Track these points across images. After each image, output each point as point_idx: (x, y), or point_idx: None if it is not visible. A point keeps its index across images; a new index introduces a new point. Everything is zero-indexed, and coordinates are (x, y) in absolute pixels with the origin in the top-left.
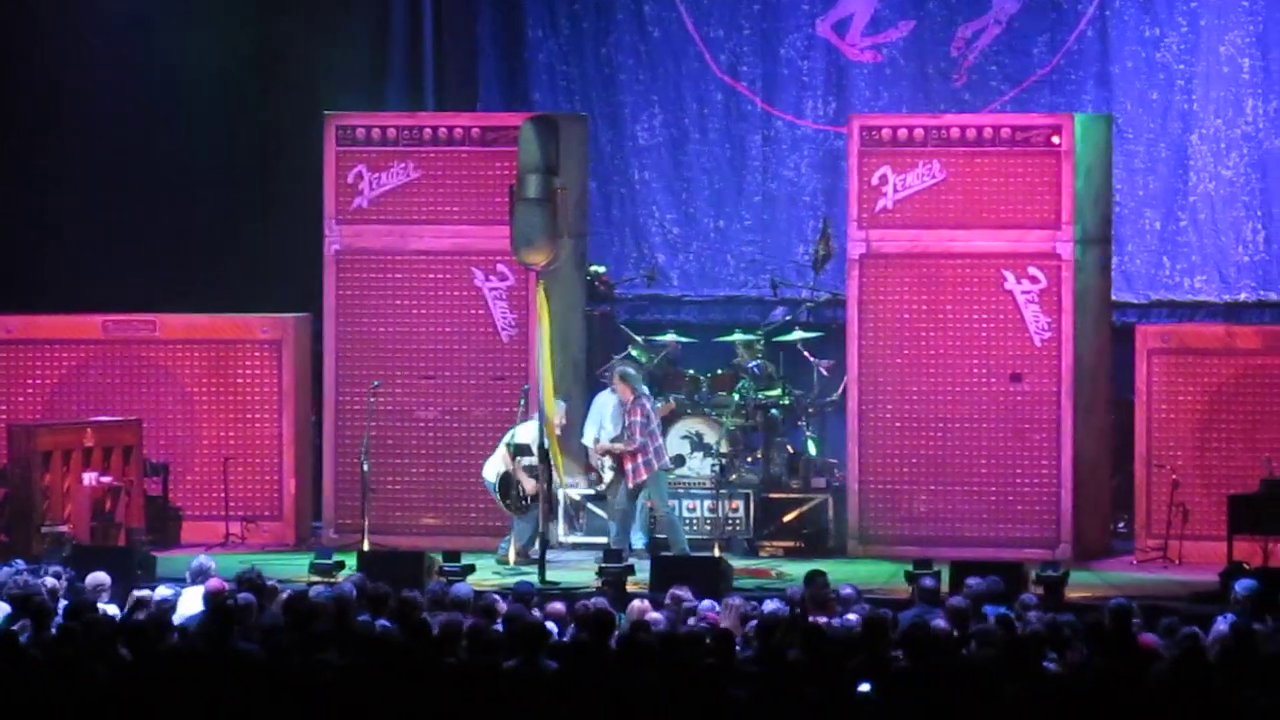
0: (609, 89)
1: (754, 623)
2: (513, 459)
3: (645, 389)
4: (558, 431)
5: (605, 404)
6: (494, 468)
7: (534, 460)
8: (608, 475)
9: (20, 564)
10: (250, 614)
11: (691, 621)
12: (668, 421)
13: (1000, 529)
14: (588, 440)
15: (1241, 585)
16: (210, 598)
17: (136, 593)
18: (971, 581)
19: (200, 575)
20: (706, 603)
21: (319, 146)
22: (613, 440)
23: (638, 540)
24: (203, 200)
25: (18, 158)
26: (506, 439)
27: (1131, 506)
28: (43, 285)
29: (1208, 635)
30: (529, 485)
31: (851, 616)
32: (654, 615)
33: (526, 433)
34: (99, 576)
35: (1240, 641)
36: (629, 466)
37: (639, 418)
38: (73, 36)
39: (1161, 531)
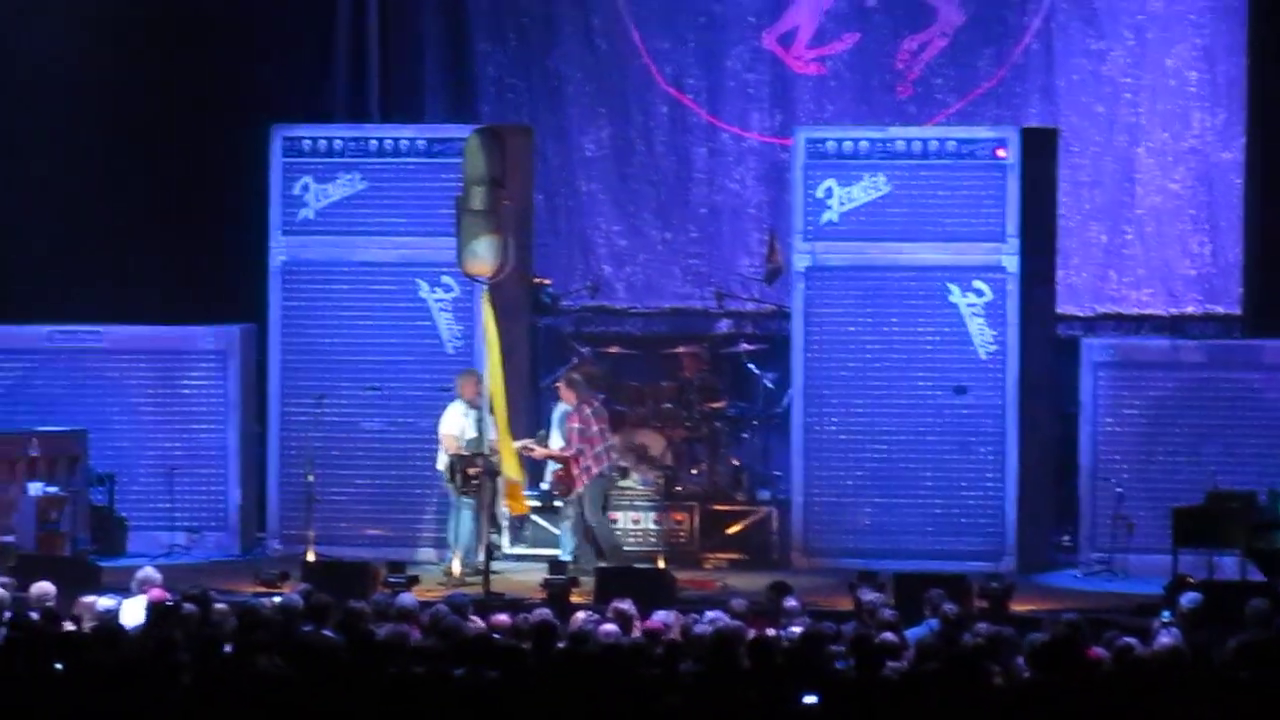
0: (555, 101)
1: (699, 633)
2: (465, 459)
3: (592, 395)
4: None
5: (557, 413)
6: (441, 460)
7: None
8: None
9: None
10: (192, 624)
11: (637, 633)
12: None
13: (944, 542)
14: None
15: (1186, 598)
16: (152, 607)
17: (83, 599)
18: None
19: (145, 585)
20: (659, 614)
21: (265, 158)
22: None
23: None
24: (148, 211)
25: None
26: (447, 429)
27: (1076, 519)
28: None
29: (1149, 646)
30: (471, 469)
31: (795, 629)
32: (608, 627)
33: (453, 420)
34: (44, 586)
35: (1185, 655)
36: (574, 470)
37: (576, 424)
38: (9, 45)
39: (1106, 544)
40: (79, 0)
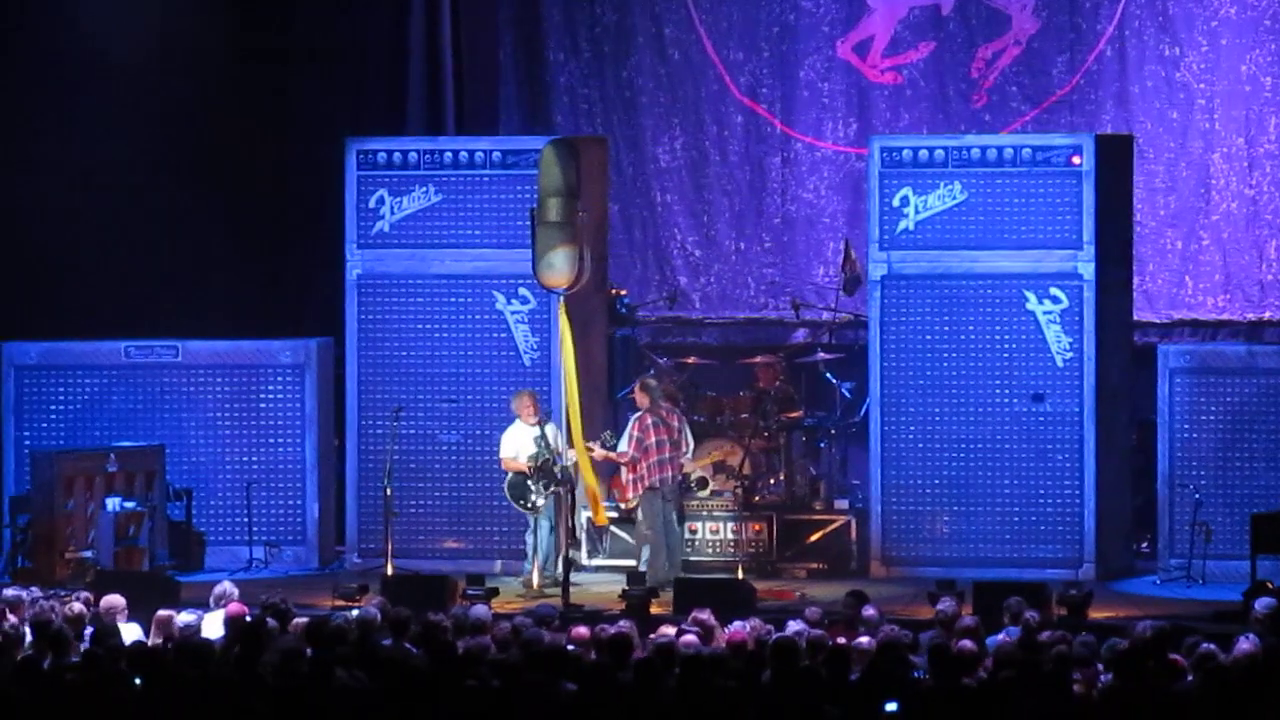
0: (629, 111)
1: (776, 642)
2: (534, 472)
3: (663, 405)
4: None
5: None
6: (509, 480)
7: (546, 468)
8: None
9: (35, 590)
10: (272, 638)
11: (719, 643)
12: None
13: (1023, 550)
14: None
15: (1261, 603)
16: (231, 622)
17: (161, 613)
18: None
19: (222, 600)
20: (735, 624)
21: (340, 171)
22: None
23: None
24: (224, 225)
25: (42, 185)
26: (504, 452)
27: (1154, 526)
28: (66, 311)
29: (1229, 654)
30: (539, 484)
31: (868, 639)
32: (688, 638)
33: (511, 442)
34: (113, 599)
35: (1266, 659)
36: (629, 478)
37: (636, 431)
38: (92, 66)
39: (1184, 551)
40: (158, 21)
